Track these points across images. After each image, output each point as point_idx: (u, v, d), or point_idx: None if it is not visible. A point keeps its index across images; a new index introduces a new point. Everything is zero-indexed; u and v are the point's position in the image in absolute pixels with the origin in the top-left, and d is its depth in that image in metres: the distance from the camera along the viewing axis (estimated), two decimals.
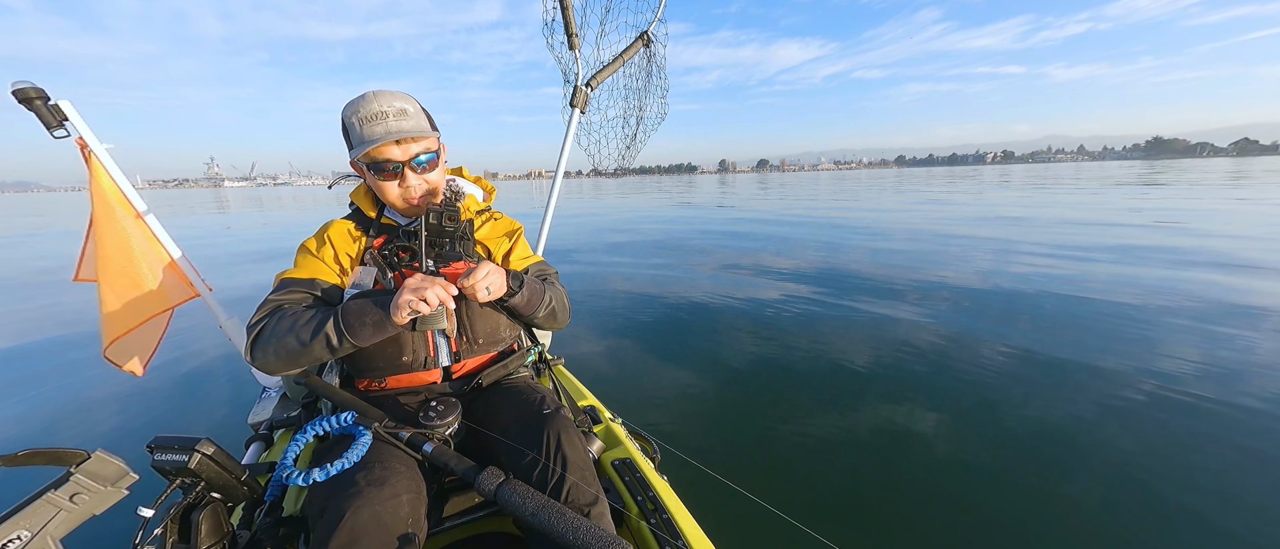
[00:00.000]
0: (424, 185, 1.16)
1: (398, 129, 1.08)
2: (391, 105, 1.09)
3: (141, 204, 1.66)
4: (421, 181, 1.15)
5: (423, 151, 1.13)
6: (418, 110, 1.14)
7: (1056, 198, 16.60)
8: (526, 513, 0.83)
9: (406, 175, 1.12)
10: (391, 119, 1.08)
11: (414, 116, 1.12)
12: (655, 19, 2.36)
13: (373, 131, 1.08)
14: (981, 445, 2.29)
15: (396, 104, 1.10)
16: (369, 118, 1.08)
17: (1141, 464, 2.12)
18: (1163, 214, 10.87)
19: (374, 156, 1.09)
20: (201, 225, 15.77)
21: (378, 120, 1.08)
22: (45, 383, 3.30)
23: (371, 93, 1.10)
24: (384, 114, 1.08)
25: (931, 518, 1.86)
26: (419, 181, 1.15)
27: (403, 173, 1.12)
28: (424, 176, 1.15)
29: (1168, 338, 3.48)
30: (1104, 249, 6.85)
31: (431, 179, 1.17)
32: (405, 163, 1.11)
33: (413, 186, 1.14)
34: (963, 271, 5.75)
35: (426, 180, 1.16)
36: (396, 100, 1.10)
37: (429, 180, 1.17)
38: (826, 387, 2.92)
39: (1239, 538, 1.73)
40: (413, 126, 1.11)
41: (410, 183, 1.13)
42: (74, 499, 0.70)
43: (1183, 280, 5.01)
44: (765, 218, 13.08)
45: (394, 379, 1.16)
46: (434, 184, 1.18)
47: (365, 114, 1.08)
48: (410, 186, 1.14)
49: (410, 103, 1.12)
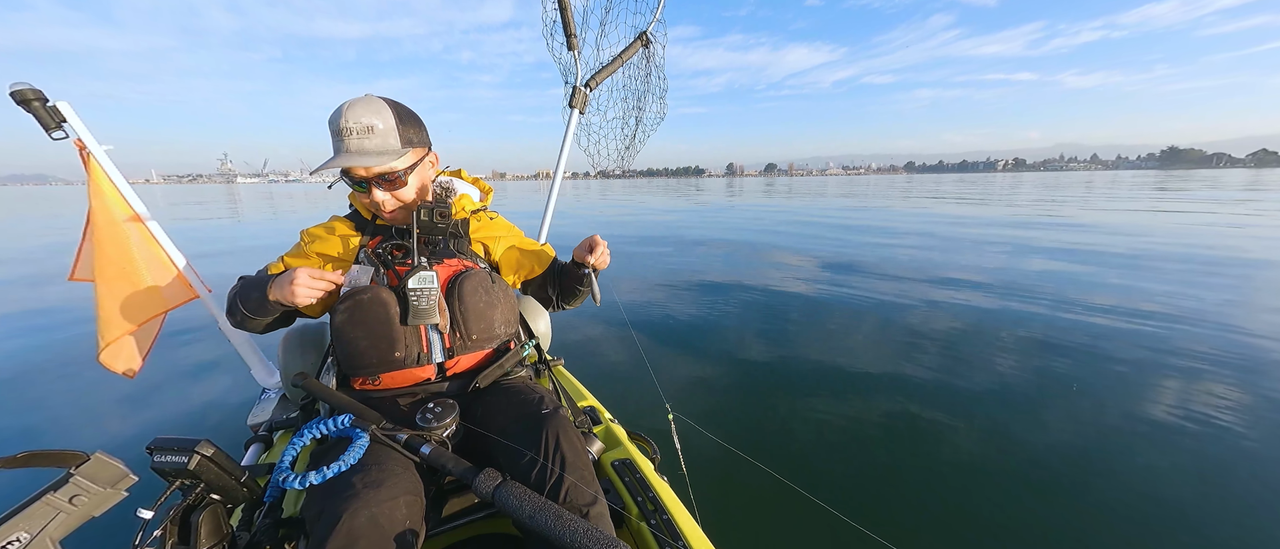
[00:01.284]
0: (393, 201, 1.19)
1: (358, 148, 1.10)
2: (359, 122, 1.08)
3: (141, 206, 1.66)
4: (389, 197, 1.18)
5: (384, 172, 1.14)
6: (390, 126, 1.12)
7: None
8: (524, 515, 0.83)
9: (372, 191, 1.16)
10: (354, 137, 1.09)
11: (381, 135, 1.10)
12: (654, 19, 2.36)
13: (337, 147, 1.11)
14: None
15: (365, 120, 1.09)
16: (337, 132, 1.09)
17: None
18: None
19: (342, 170, 1.15)
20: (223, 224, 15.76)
21: (343, 136, 1.09)
22: (45, 382, 3.30)
23: (347, 104, 1.09)
24: (349, 131, 1.08)
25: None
26: (386, 197, 1.17)
27: (369, 188, 1.15)
28: (393, 192, 1.17)
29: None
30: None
31: (402, 194, 1.19)
32: (370, 180, 1.14)
33: (381, 201, 1.17)
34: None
35: (395, 196, 1.18)
36: (367, 115, 1.09)
37: (399, 196, 1.19)
38: (859, 378, 2.93)
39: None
40: (376, 146, 1.10)
41: (376, 197, 1.16)
42: (73, 501, 0.71)
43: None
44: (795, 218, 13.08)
45: (388, 376, 1.15)
46: (406, 199, 1.20)
47: (335, 127, 1.09)
48: (377, 201, 1.17)
49: (382, 117, 1.11)
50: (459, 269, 1.21)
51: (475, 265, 1.26)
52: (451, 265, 1.22)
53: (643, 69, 2.49)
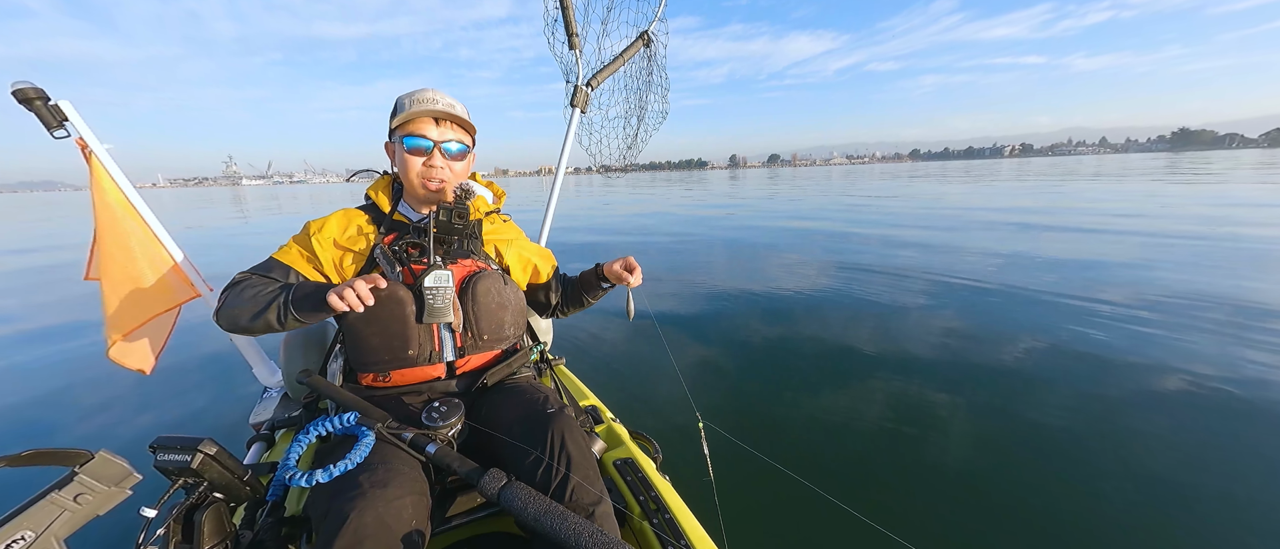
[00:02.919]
0: (448, 171, 1.23)
1: (446, 103, 1.21)
2: (445, 98, 1.22)
3: (142, 204, 1.66)
4: (446, 166, 1.23)
5: (456, 139, 1.23)
6: (465, 113, 1.25)
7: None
8: (529, 516, 0.82)
9: (434, 155, 1.20)
10: (441, 103, 1.20)
11: (461, 112, 1.23)
12: (656, 18, 2.36)
13: (420, 102, 1.19)
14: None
15: (449, 99, 1.23)
16: (421, 100, 1.20)
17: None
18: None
19: (410, 128, 1.18)
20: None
21: (428, 101, 1.19)
22: (46, 383, 3.30)
23: (430, 89, 1.23)
24: (435, 99, 1.20)
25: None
26: (444, 165, 1.22)
27: (432, 152, 1.20)
28: (450, 163, 1.23)
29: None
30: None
31: (456, 169, 1.25)
32: (437, 143, 1.20)
33: (437, 168, 1.21)
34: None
35: (451, 168, 1.24)
36: (449, 98, 1.23)
37: (454, 169, 1.25)
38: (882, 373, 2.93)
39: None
40: (457, 115, 1.22)
41: (435, 162, 1.21)
42: (78, 499, 0.71)
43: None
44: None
45: (398, 373, 1.16)
46: (457, 174, 1.26)
47: (419, 96, 1.20)
48: (434, 167, 1.21)
49: (461, 106, 1.25)
50: (473, 270, 1.22)
51: (488, 267, 1.27)
52: (466, 266, 1.23)
53: (644, 67, 2.49)
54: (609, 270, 1.37)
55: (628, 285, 1.34)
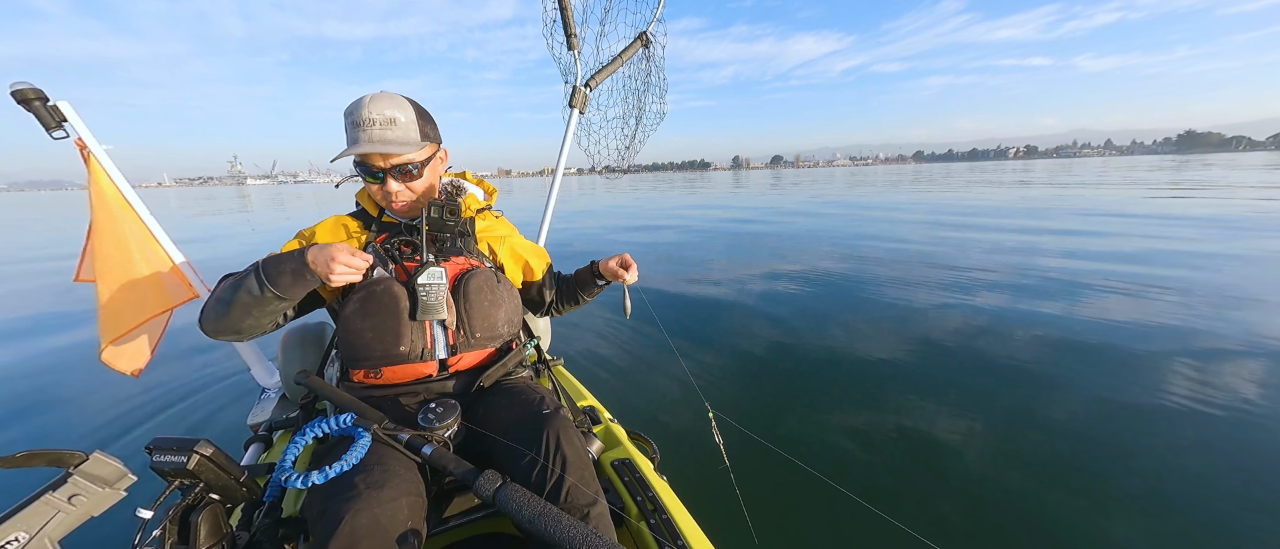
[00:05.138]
0: (407, 193, 1.20)
1: (381, 139, 1.11)
2: (381, 114, 1.11)
3: (141, 205, 1.66)
4: (403, 189, 1.19)
5: (404, 163, 1.15)
6: (410, 120, 1.15)
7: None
8: (524, 518, 0.82)
9: (387, 182, 1.16)
10: (377, 127, 1.11)
11: (402, 127, 1.14)
12: (654, 19, 2.36)
13: (357, 137, 1.11)
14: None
15: (387, 112, 1.11)
16: (357, 122, 1.11)
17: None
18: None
19: (358, 158, 1.14)
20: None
21: (364, 127, 1.11)
22: (42, 383, 3.30)
23: (369, 96, 1.12)
24: (371, 121, 1.10)
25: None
26: (401, 188, 1.18)
27: (385, 179, 1.15)
28: (408, 184, 1.19)
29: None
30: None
31: (415, 186, 1.20)
32: (387, 170, 1.14)
33: (395, 193, 1.18)
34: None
35: (409, 188, 1.20)
36: (388, 108, 1.12)
37: (413, 188, 1.20)
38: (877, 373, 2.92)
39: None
40: (397, 137, 1.13)
41: (391, 188, 1.17)
42: (72, 500, 0.70)
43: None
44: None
45: (390, 370, 1.15)
46: (419, 191, 1.21)
47: (355, 117, 1.11)
48: (392, 192, 1.17)
49: (403, 111, 1.14)
50: (466, 267, 1.22)
51: (481, 265, 1.27)
52: (458, 263, 1.23)
53: (643, 68, 2.50)
54: (604, 267, 1.38)
55: (623, 282, 1.34)
